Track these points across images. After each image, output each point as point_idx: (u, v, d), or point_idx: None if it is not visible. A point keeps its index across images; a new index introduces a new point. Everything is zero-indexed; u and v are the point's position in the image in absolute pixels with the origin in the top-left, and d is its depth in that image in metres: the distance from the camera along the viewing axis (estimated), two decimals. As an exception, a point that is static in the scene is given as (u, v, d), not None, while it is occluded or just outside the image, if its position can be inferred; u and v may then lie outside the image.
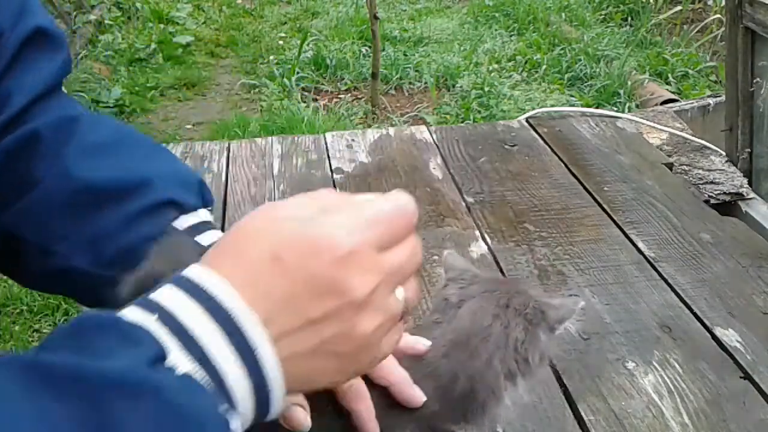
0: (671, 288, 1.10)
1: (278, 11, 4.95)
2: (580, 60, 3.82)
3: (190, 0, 4.96)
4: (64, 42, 0.64)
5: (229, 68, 4.17)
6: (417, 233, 0.51)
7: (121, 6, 4.68)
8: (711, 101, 1.90)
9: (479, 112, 3.35)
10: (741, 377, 0.93)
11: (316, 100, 3.60)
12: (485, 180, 1.40)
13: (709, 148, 1.57)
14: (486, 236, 1.22)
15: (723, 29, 3.17)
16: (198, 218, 0.61)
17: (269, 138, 1.58)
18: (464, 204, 1.32)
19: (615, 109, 3.11)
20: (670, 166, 1.49)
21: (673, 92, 3.48)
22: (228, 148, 1.52)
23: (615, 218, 1.28)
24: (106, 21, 4.44)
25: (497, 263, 1.15)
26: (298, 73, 3.77)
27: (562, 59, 3.85)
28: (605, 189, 1.37)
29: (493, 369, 0.57)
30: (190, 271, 0.42)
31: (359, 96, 3.67)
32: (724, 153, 1.56)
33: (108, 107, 3.53)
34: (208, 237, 0.59)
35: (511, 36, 4.29)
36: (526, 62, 3.90)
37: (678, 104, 2.02)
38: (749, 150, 1.53)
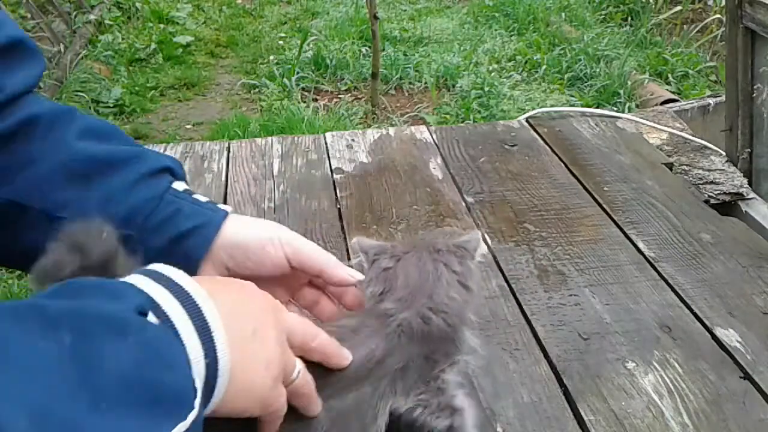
0: (671, 288, 1.10)
1: (278, 11, 4.95)
2: (580, 60, 3.82)
3: (190, 0, 4.97)
4: (41, 55, 0.67)
5: (229, 68, 4.18)
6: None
7: (121, 6, 4.68)
8: (711, 101, 1.90)
9: (479, 112, 3.35)
10: (741, 377, 0.93)
11: (316, 100, 3.60)
12: (485, 180, 1.40)
13: (709, 148, 1.57)
14: (486, 236, 1.22)
15: (723, 29, 3.18)
16: (187, 185, 0.68)
17: (269, 138, 1.58)
18: (464, 204, 1.32)
19: (615, 109, 3.11)
20: (670, 166, 1.49)
21: (673, 92, 3.49)
22: (228, 148, 1.52)
23: (615, 218, 1.28)
24: (106, 21, 4.44)
25: (497, 263, 1.15)
26: (298, 73, 3.77)
27: (562, 59, 3.85)
28: (605, 189, 1.37)
29: (455, 300, 0.67)
30: (161, 267, 0.49)
31: (359, 96, 3.67)
32: (724, 153, 1.56)
33: (108, 107, 3.53)
34: (201, 197, 0.67)
35: (511, 36, 4.29)
36: (526, 62, 3.90)
37: (678, 104, 2.02)
38: (749, 150, 1.53)
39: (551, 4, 4.58)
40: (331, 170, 1.44)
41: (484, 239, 1.21)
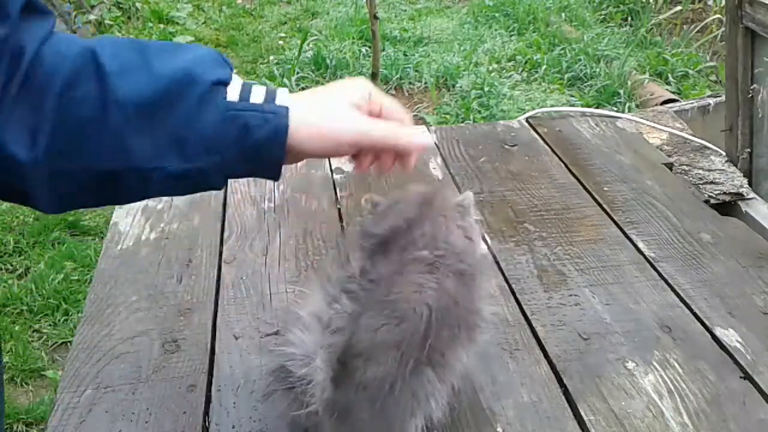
0: (671, 288, 1.10)
1: (278, 11, 4.95)
2: (580, 60, 3.82)
3: (190, 0, 4.97)
4: (51, 11, 0.68)
5: (229, 68, 4.17)
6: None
7: (121, 6, 4.68)
8: (711, 101, 1.90)
9: (479, 112, 3.35)
10: (741, 377, 0.93)
11: (316, 100, 3.60)
12: (485, 180, 1.40)
13: (709, 148, 1.57)
14: (486, 236, 1.22)
15: (723, 29, 3.18)
16: (239, 84, 0.69)
17: (269, 138, 1.58)
18: (464, 204, 1.32)
19: (615, 109, 3.11)
20: (670, 166, 1.49)
21: (673, 92, 3.49)
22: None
23: (615, 218, 1.28)
24: (106, 21, 4.43)
25: (497, 263, 1.15)
26: (298, 73, 3.77)
27: (562, 59, 3.85)
28: (605, 189, 1.37)
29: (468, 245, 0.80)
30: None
31: (359, 96, 3.67)
32: (724, 153, 1.56)
33: (108, 107, 3.53)
34: (257, 94, 0.69)
35: (511, 36, 4.29)
36: (526, 62, 3.90)
37: (678, 104, 2.02)
38: (749, 150, 1.53)
39: (551, 4, 4.58)
40: (331, 170, 1.44)
41: (484, 239, 1.21)
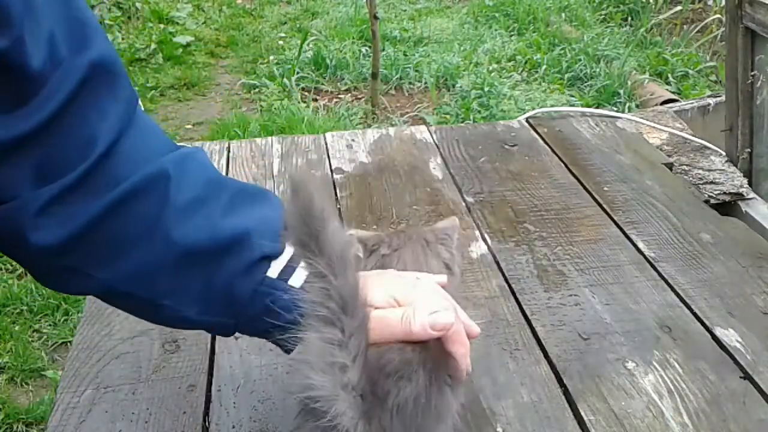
0: (671, 288, 1.10)
1: (278, 11, 4.95)
2: (580, 60, 3.82)
3: (190, 0, 4.96)
4: (125, 77, 0.63)
5: (229, 68, 4.17)
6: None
7: (121, 6, 4.68)
8: (711, 101, 1.90)
9: (479, 112, 3.35)
10: (741, 377, 0.93)
11: (316, 100, 3.60)
12: (485, 180, 1.40)
13: (709, 148, 1.57)
14: (486, 236, 1.22)
15: (723, 29, 3.17)
16: (284, 261, 0.67)
17: (269, 138, 1.58)
18: (464, 204, 1.32)
19: (615, 109, 3.11)
20: (670, 166, 1.49)
21: (673, 92, 3.48)
22: (228, 148, 1.52)
23: (615, 218, 1.28)
24: (106, 21, 4.43)
25: (497, 263, 1.15)
26: (298, 73, 3.77)
27: (562, 59, 3.85)
28: (605, 189, 1.37)
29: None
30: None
31: (359, 96, 3.67)
32: (724, 153, 1.56)
33: (108, 107, 3.52)
34: (297, 277, 0.67)
35: (511, 36, 4.29)
36: (526, 62, 3.90)
37: (678, 104, 2.02)
38: (749, 150, 1.53)
39: (551, 4, 4.58)
40: (331, 170, 1.44)
41: (484, 239, 1.22)
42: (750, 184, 1.49)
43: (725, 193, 1.45)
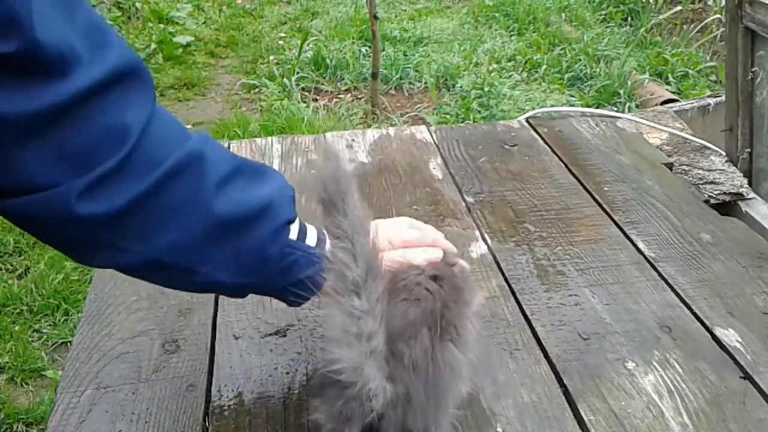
0: (671, 288, 1.10)
1: (278, 11, 4.95)
2: (580, 60, 3.82)
3: (190, 0, 4.97)
4: (146, 67, 0.67)
5: (229, 68, 4.18)
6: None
7: (121, 6, 4.68)
8: (711, 101, 1.90)
9: (479, 112, 3.35)
10: (741, 377, 0.93)
11: (316, 100, 3.60)
12: (485, 180, 1.40)
13: (709, 148, 1.57)
14: (486, 236, 1.22)
15: (723, 29, 3.18)
16: (298, 223, 0.78)
17: (269, 138, 1.58)
18: (464, 204, 1.32)
19: (615, 109, 3.11)
20: (670, 166, 1.49)
21: (673, 92, 3.49)
22: (228, 148, 1.52)
23: (615, 218, 1.28)
24: (107, 21, 4.43)
25: (497, 263, 1.15)
26: (298, 73, 3.78)
27: (562, 59, 3.85)
28: (605, 189, 1.37)
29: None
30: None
31: (359, 96, 3.67)
32: (724, 153, 1.56)
33: (108, 107, 3.52)
34: (311, 237, 0.79)
35: (511, 36, 4.29)
36: (526, 62, 3.90)
37: (678, 104, 2.02)
38: (749, 150, 1.53)
39: (551, 4, 4.58)
40: (331, 170, 1.44)
41: (484, 239, 1.22)
42: (750, 184, 1.49)
43: (725, 193, 1.45)
